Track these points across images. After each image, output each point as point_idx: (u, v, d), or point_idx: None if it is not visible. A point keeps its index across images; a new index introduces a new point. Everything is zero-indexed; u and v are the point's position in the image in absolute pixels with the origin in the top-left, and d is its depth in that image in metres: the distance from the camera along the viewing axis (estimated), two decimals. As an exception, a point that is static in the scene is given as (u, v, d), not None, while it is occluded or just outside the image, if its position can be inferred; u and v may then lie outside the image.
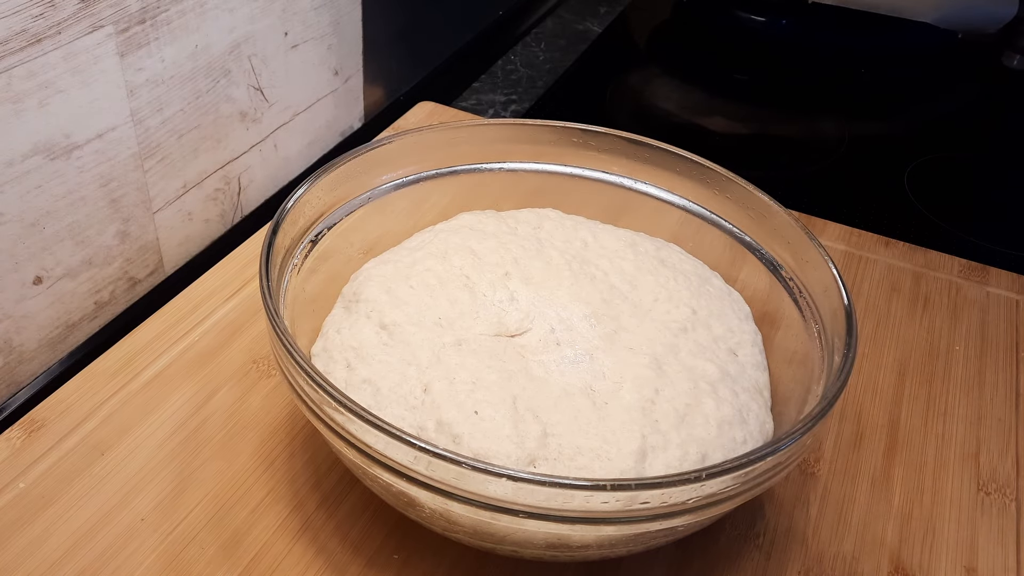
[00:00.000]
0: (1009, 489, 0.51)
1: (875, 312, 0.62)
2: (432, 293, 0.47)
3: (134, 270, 0.59)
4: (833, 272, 0.46)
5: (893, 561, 0.46)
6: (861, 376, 0.56)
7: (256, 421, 0.51)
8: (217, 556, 0.44)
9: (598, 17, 1.08)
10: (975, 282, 0.65)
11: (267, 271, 0.43)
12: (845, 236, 0.68)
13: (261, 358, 0.55)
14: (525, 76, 0.95)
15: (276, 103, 0.67)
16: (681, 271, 0.51)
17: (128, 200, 0.56)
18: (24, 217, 0.50)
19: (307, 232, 0.49)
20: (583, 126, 0.55)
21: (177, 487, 0.47)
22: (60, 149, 0.50)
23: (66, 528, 0.44)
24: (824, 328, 0.45)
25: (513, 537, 0.39)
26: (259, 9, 0.62)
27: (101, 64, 0.51)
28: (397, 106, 0.82)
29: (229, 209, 0.66)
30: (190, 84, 0.58)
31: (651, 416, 0.42)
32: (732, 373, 0.45)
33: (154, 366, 0.53)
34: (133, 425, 0.50)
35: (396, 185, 0.54)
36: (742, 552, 0.46)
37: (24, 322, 0.52)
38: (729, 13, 1.04)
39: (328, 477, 0.48)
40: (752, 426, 0.43)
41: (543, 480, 0.35)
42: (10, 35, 0.45)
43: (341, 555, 0.44)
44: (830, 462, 0.51)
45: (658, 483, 0.35)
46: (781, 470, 0.39)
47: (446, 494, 0.36)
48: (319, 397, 0.38)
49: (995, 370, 0.58)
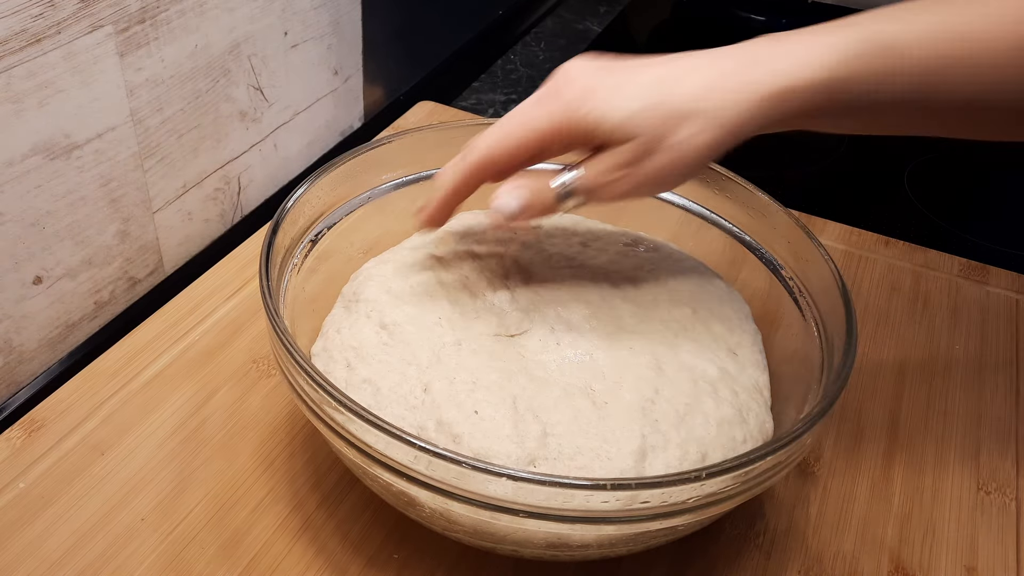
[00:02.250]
0: (1009, 488, 0.50)
1: (875, 312, 0.62)
2: (432, 293, 0.47)
3: (134, 270, 0.59)
4: (833, 272, 0.46)
5: (893, 560, 0.46)
6: (861, 376, 0.56)
7: (256, 421, 0.51)
8: (217, 556, 0.44)
9: (598, 17, 1.08)
10: (975, 282, 0.65)
11: (267, 271, 0.43)
12: (845, 236, 0.68)
13: (261, 358, 0.55)
14: (525, 76, 0.95)
15: (276, 103, 0.67)
16: (681, 271, 0.51)
17: (128, 200, 0.56)
18: (24, 217, 0.50)
19: (307, 232, 0.49)
20: (583, 126, 0.55)
21: (177, 487, 0.47)
22: (60, 149, 0.50)
23: (66, 528, 0.44)
24: (824, 328, 0.45)
25: (513, 536, 0.39)
26: (259, 9, 0.62)
27: (101, 64, 0.51)
28: (397, 106, 0.82)
29: (229, 209, 0.66)
30: (190, 84, 0.58)
31: (651, 416, 0.42)
32: (732, 373, 0.45)
33: (154, 366, 0.53)
34: (133, 425, 0.50)
35: (396, 185, 0.54)
36: (742, 552, 0.46)
37: (24, 322, 0.52)
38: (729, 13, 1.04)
39: (328, 477, 0.48)
40: (752, 426, 0.43)
41: (543, 480, 0.35)
42: (10, 35, 0.45)
43: (341, 555, 0.44)
44: (830, 462, 0.51)
45: (658, 483, 0.35)
46: (781, 470, 0.39)
47: (446, 494, 0.36)
48: (319, 397, 0.38)
49: (995, 370, 0.58)
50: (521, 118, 0.40)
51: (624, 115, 0.38)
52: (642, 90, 0.38)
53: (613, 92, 0.38)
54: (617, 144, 0.39)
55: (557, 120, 0.39)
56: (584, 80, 0.39)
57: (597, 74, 0.39)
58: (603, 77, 0.39)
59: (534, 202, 0.40)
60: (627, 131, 0.38)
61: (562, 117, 0.39)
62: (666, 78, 0.38)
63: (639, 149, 0.38)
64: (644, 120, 0.38)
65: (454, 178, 0.42)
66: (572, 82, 0.39)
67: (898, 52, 0.38)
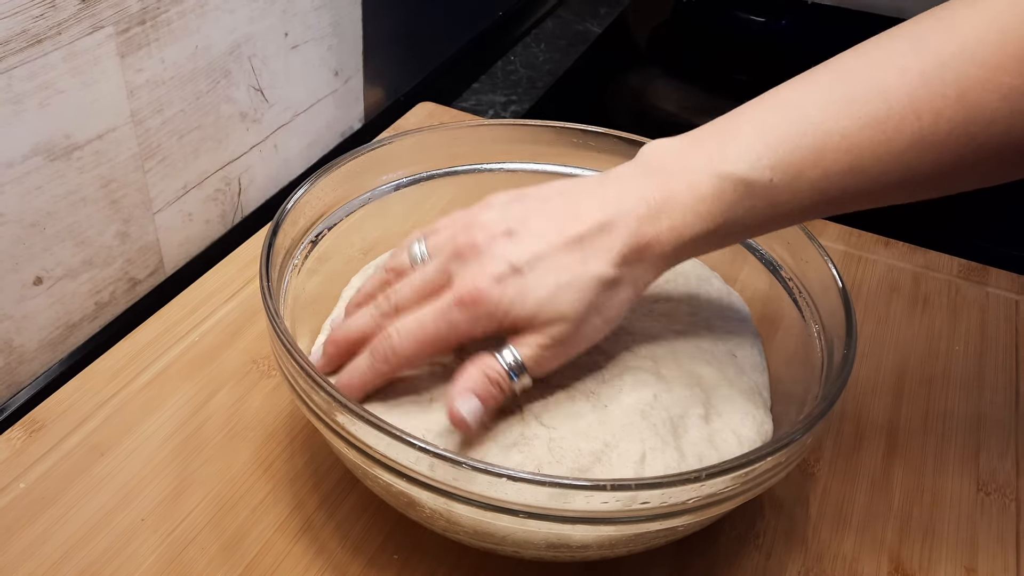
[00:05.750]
0: (1009, 489, 0.50)
1: (875, 312, 0.62)
2: (432, 293, 0.47)
3: (134, 271, 0.59)
4: (833, 272, 0.46)
5: (893, 561, 0.46)
6: (861, 376, 0.56)
7: (256, 421, 0.51)
8: (217, 556, 0.44)
9: (598, 17, 1.08)
10: (975, 282, 0.65)
11: (267, 271, 0.43)
12: (845, 236, 0.68)
13: (261, 358, 0.55)
14: (525, 76, 0.95)
15: (276, 104, 0.67)
16: (681, 271, 0.51)
17: (128, 201, 0.56)
18: (24, 218, 0.50)
19: (307, 232, 0.49)
20: (583, 126, 0.55)
21: (177, 487, 0.47)
22: (60, 150, 0.50)
23: (66, 528, 0.44)
24: (824, 328, 0.45)
25: (513, 537, 0.39)
26: (259, 10, 0.62)
27: (101, 65, 0.51)
28: (397, 106, 0.82)
29: (229, 210, 0.66)
30: (190, 85, 0.58)
31: (650, 418, 0.42)
32: (731, 374, 0.45)
33: (154, 366, 0.53)
34: (133, 425, 0.50)
35: (396, 185, 0.54)
36: (742, 552, 0.46)
37: (24, 322, 0.52)
38: (729, 13, 1.04)
39: (328, 477, 0.48)
40: (751, 427, 0.43)
41: (543, 480, 0.35)
42: (10, 36, 0.45)
43: (341, 555, 0.44)
44: (830, 462, 0.51)
45: (658, 483, 0.35)
46: (781, 470, 0.39)
47: (447, 495, 0.36)
48: (319, 398, 0.38)
49: (995, 370, 0.58)
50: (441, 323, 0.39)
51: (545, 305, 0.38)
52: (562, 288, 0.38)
53: (529, 291, 0.38)
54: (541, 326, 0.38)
55: (482, 328, 0.39)
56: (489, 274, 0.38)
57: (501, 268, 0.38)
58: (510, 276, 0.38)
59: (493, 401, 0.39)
60: (549, 316, 0.38)
61: (488, 325, 0.39)
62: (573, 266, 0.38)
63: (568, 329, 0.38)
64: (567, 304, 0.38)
65: (364, 379, 0.41)
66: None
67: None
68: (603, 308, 0.39)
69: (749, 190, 0.38)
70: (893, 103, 0.37)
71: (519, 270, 0.38)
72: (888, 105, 0.37)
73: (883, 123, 0.37)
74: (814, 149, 0.37)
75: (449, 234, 0.41)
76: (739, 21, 1.02)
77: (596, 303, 0.38)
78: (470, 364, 0.39)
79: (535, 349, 0.38)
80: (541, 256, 0.38)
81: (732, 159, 0.38)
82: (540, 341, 0.38)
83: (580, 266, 0.38)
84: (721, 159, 0.38)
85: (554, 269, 0.38)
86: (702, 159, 0.39)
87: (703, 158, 0.39)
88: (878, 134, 0.37)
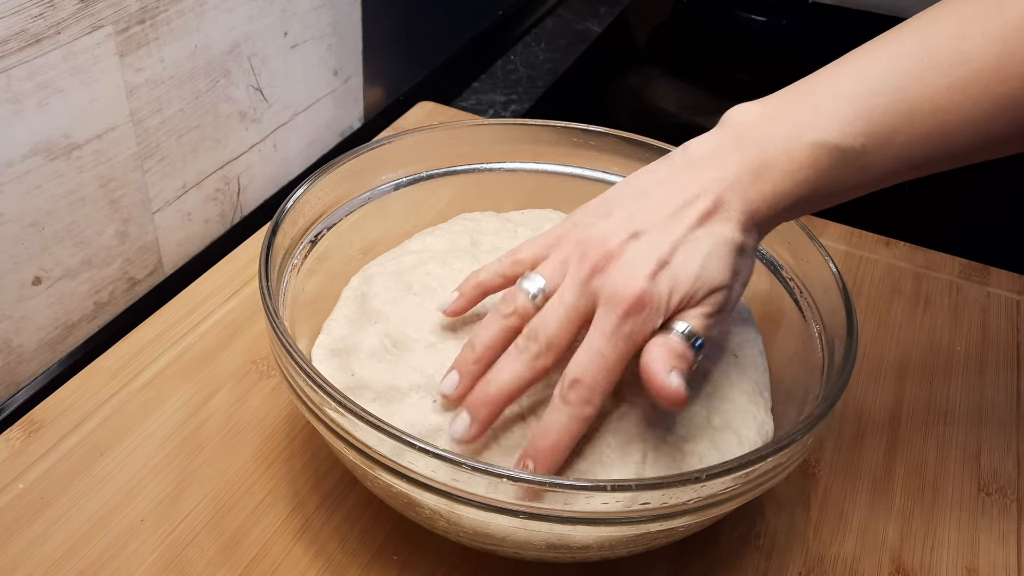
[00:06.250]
0: (1010, 490, 0.50)
1: (876, 312, 0.61)
2: (433, 295, 0.47)
3: (133, 270, 0.59)
4: (833, 272, 0.45)
5: (894, 561, 0.46)
6: (861, 376, 0.56)
7: (256, 421, 0.51)
8: (217, 557, 0.44)
9: (598, 17, 1.08)
10: (976, 282, 0.65)
11: (267, 271, 0.43)
12: (845, 236, 0.68)
13: (261, 358, 0.55)
14: (525, 76, 0.95)
15: (276, 103, 0.67)
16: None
17: (127, 200, 0.56)
18: (23, 217, 0.49)
19: (307, 232, 0.49)
20: (583, 126, 0.55)
21: (177, 487, 0.47)
22: (60, 149, 0.50)
23: (66, 529, 0.44)
24: (824, 328, 0.45)
25: (514, 538, 0.39)
26: (258, 9, 0.62)
27: (101, 64, 0.51)
28: (397, 106, 0.82)
29: (229, 209, 0.66)
30: (189, 84, 0.58)
31: (651, 419, 0.41)
32: (732, 374, 0.45)
33: (154, 366, 0.53)
34: (133, 425, 0.50)
35: (396, 185, 0.54)
36: (742, 553, 0.46)
37: (23, 322, 0.52)
38: (729, 13, 1.04)
39: (328, 477, 0.48)
40: (752, 427, 0.43)
41: (544, 481, 0.35)
42: (9, 35, 0.45)
43: (341, 556, 0.44)
44: (830, 462, 0.51)
45: (658, 484, 0.35)
46: (781, 471, 0.39)
47: (447, 495, 0.36)
48: (319, 398, 0.38)
49: (996, 370, 0.58)
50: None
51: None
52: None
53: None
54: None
55: (651, 328, 0.39)
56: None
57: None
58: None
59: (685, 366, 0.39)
60: (706, 289, 0.39)
61: (656, 322, 0.39)
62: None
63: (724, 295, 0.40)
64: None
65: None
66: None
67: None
68: (740, 271, 0.40)
69: (843, 156, 0.39)
70: (979, 67, 0.37)
71: (666, 262, 0.38)
72: (972, 68, 0.37)
73: (969, 87, 0.38)
74: (903, 114, 0.38)
75: (562, 258, 0.40)
76: (739, 21, 1.02)
77: (735, 267, 0.39)
78: (652, 346, 0.38)
79: (701, 319, 0.39)
80: (677, 242, 0.38)
81: (824, 126, 0.39)
82: (703, 311, 0.39)
83: (712, 238, 0.39)
84: (815, 127, 0.39)
85: (693, 249, 0.38)
86: (794, 127, 0.39)
87: (794, 126, 0.39)
88: (965, 98, 0.38)
